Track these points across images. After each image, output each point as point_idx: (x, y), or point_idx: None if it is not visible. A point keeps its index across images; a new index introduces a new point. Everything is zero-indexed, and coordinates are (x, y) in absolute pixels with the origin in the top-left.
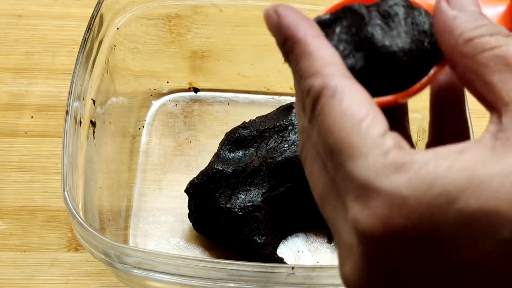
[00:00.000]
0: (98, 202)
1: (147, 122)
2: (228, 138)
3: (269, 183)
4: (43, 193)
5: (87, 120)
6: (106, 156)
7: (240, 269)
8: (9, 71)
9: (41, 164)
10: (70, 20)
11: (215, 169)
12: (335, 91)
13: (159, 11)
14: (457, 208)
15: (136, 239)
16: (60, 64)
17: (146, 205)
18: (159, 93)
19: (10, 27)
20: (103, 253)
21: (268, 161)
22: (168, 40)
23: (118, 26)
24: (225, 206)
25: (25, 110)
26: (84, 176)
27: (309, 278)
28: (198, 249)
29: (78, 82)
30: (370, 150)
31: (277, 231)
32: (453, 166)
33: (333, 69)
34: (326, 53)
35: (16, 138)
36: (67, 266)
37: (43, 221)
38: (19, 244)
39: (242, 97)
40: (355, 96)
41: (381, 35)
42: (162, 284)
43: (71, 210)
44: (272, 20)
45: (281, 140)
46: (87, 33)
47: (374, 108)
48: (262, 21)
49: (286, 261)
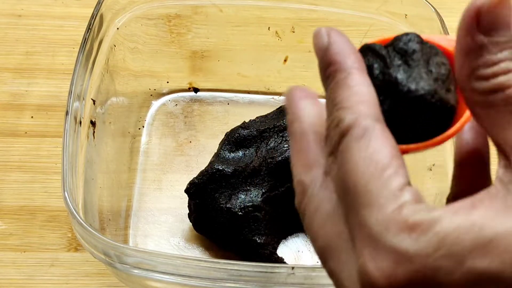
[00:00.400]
0: (98, 202)
1: (147, 122)
2: (228, 138)
3: (269, 183)
4: (43, 193)
5: (87, 120)
6: (106, 156)
7: (240, 269)
8: (9, 71)
9: (41, 164)
10: (70, 20)
11: (215, 169)
12: (364, 133)
13: (159, 11)
14: (463, 270)
15: (136, 239)
16: (60, 64)
17: (146, 205)
18: (159, 93)
19: (10, 27)
20: (103, 253)
21: (268, 161)
22: (168, 40)
23: (118, 26)
24: (225, 206)
25: (25, 110)
26: (84, 176)
27: (309, 278)
28: (198, 249)
29: (78, 82)
30: (386, 202)
31: (277, 231)
32: (462, 225)
33: (368, 109)
34: (366, 91)
35: (16, 138)
36: (67, 266)
37: (43, 221)
38: (19, 244)
39: (242, 97)
40: (383, 143)
41: (405, 78)
42: (162, 284)
43: (71, 210)
44: (322, 42)
45: (281, 140)
46: (87, 33)
47: (398, 158)
48: (262, 21)
49: (286, 261)
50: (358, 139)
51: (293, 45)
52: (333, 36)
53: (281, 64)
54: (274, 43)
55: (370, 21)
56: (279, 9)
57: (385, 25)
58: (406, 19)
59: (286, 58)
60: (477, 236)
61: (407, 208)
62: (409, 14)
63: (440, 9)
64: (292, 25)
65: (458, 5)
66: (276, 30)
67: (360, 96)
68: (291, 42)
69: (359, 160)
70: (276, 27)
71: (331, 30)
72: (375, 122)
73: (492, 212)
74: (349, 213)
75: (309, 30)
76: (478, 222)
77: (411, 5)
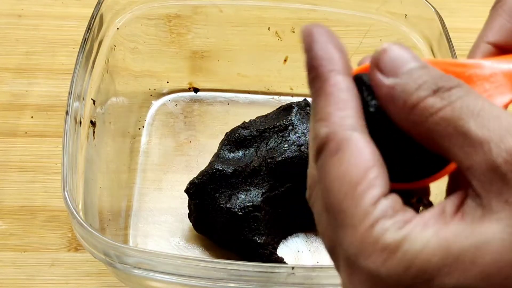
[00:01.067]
0: (98, 202)
1: (147, 122)
2: (228, 138)
3: (269, 183)
4: (43, 193)
5: (87, 120)
6: (106, 156)
7: (240, 269)
8: (9, 71)
9: (41, 164)
10: (70, 20)
11: (215, 169)
12: (338, 148)
13: (159, 11)
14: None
15: (136, 239)
16: (60, 64)
17: (146, 205)
18: (159, 93)
19: (10, 27)
20: (103, 253)
21: (268, 161)
22: (168, 40)
23: (118, 26)
24: (225, 206)
25: (25, 110)
26: (84, 176)
27: (309, 278)
28: (198, 249)
29: (78, 82)
30: (358, 222)
31: (277, 231)
32: (430, 242)
33: (342, 119)
34: (344, 98)
35: (16, 138)
36: (67, 266)
37: (43, 221)
38: (19, 244)
39: (242, 97)
40: (358, 155)
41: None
42: (162, 284)
43: (71, 210)
44: (304, 44)
45: (281, 140)
46: (87, 33)
47: (375, 168)
48: (262, 21)
49: (286, 261)
50: (332, 155)
51: (293, 45)
52: (315, 35)
53: (281, 64)
54: (274, 43)
55: (370, 21)
56: (279, 9)
57: (385, 25)
58: (406, 19)
59: (286, 58)
60: (445, 253)
61: (378, 227)
62: (409, 14)
63: (440, 9)
64: (292, 25)
65: (458, 5)
66: (276, 30)
67: (338, 104)
68: (291, 42)
69: (333, 179)
70: (276, 27)
71: (313, 29)
72: (352, 132)
73: (460, 226)
74: (332, 229)
75: None
76: (446, 237)
77: (411, 5)
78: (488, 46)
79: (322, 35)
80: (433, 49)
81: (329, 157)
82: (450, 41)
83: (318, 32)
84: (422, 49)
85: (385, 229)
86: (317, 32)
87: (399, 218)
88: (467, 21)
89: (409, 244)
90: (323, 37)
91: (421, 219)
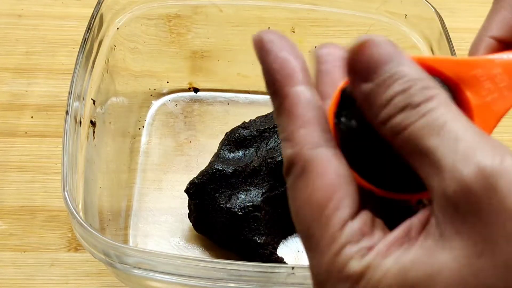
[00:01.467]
0: (98, 202)
1: (147, 122)
2: (228, 138)
3: (269, 183)
4: (43, 193)
5: (87, 120)
6: (106, 156)
7: (240, 269)
8: (9, 71)
9: (41, 164)
10: (70, 20)
11: (215, 169)
12: (303, 169)
13: (159, 11)
14: None
15: (136, 239)
16: (60, 64)
17: (146, 205)
18: (159, 93)
19: (10, 27)
20: (103, 253)
21: (268, 161)
22: (168, 40)
23: (118, 26)
24: (225, 206)
25: (25, 110)
26: (84, 176)
27: (309, 278)
28: (198, 249)
29: (78, 82)
30: (325, 248)
31: (277, 231)
32: (390, 271)
33: (306, 137)
34: (303, 113)
35: (16, 138)
36: (67, 266)
37: (43, 221)
38: (19, 244)
39: (242, 97)
40: (322, 176)
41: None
42: (162, 284)
43: (71, 210)
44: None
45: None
46: (87, 33)
47: (342, 187)
48: (262, 21)
49: (286, 261)
50: (298, 178)
51: None
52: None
53: None
54: None
55: (370, 21)
56: (279, 9)
57: (385, 25)
58: (406, 19)
59: None
60: (402, 282)
61: (344, 254)
62: (409, 14)
63: (440, 9)
64: (292, 25)
65: (458, 5)
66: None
67: (299, 121)
68: None
69: (301, 203)
70: (276, 27)
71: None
72: (316, 149)
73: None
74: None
75: (309, 30)
76: (404, 265)
77: (411, 5)
78: (491, 41)
79: (274, 43)
80: (433, 49)
81: (296, 180)
82: (450, 41)
83: (269, 41)
84: (422, 49)
85: (350, 257)
86: (268, 41)
87: (364, 244)
88: (467, 21)
89: (371, 273)
90: (275, 46)
91: (384, 246)
